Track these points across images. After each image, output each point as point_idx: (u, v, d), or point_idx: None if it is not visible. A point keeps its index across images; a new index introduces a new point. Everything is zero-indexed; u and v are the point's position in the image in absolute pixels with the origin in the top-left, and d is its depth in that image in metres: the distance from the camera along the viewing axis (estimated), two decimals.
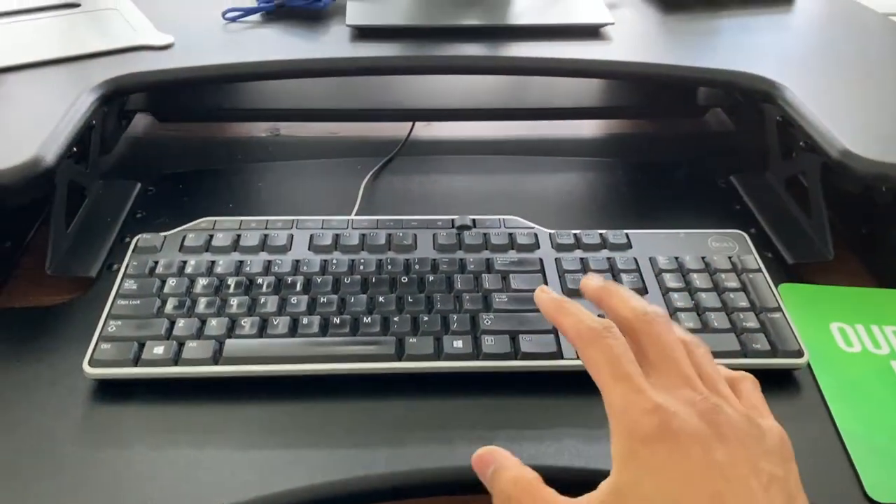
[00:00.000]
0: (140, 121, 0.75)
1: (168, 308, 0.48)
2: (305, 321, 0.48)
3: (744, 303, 0.50)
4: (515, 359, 0.46)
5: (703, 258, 0.54)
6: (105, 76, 0.58)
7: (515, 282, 0.51)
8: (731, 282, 0.52)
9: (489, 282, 0.51)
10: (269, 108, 0.75)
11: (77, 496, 0.40)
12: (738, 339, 0.48)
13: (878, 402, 0.46)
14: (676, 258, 0.54)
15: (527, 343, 0.47)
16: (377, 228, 0.56)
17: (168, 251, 0.53)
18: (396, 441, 0.43)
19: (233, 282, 0.50)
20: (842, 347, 0.49)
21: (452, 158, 0.70)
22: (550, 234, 0.55)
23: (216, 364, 0.45)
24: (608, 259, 0.53)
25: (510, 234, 0.55)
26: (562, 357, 0.46)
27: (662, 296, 0.51)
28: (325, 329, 0.48)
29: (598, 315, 0.35)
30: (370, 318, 0.48)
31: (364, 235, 0.55)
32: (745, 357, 0.47)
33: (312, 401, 0.45)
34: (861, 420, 0.45)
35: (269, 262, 0.52)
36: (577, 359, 0.46)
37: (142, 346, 0.46)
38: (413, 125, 0.74)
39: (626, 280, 0.52)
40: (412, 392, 0.46)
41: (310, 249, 0.54)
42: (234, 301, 0.49)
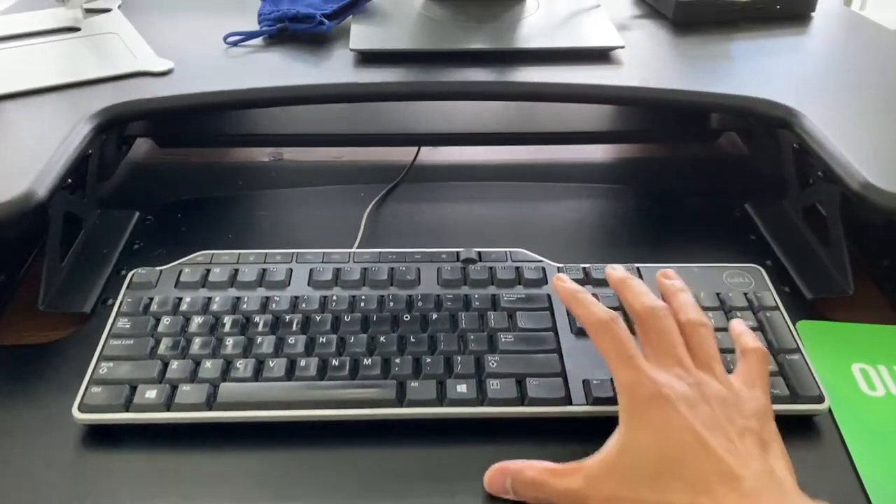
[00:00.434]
0: (141, 146, 0.74)
1: (162, 348, 0.47)
2: (303, 363, 0.46)
3: None
4: (522, 404, 0.44)
5: (718, 294, 0.52)
6: (102, 104, 0.57)
7: (522, 320, 0.49)
8: (748, 321, 0.50)
9: (495, 320, 0.49)
10: (272, 134, 0.73)
11: None
12: None
13: None
14: None
15: (534, 388, 0.45)
16: (379, 262, 0.54)
17: (163, 287, 0.52)
18: (397, 493, 0.41)
19: (229, 320, 0.49)
20: (864, 391, 0.47)
21: (458, 185, 0.69)
22: (559, 269, 0.54)
23: (210, 409, 0.44)
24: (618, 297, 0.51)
25: (517, 268, 0.53)
26: (571, 403, 0.44)
27: None
28: (324, 371, 0.46)
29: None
30: (370, 360, 0.46)
31: (366, 270, 0.53)
32: None
33: (310, 448, 0.44)
34: (885, 468, 0.43)
35: (267, 299, 0.51)
36: (588, 405, 0.44)
37: (133, 390, 0.44)
38: (419, 150, 0.72)
39: None
40: (414, 439, 0.44)
41: (309, 285, 0.52)
42: (230, 341, 0.47)
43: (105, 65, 0.62)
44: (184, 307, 0.50)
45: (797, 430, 0.45)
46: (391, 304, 0.51)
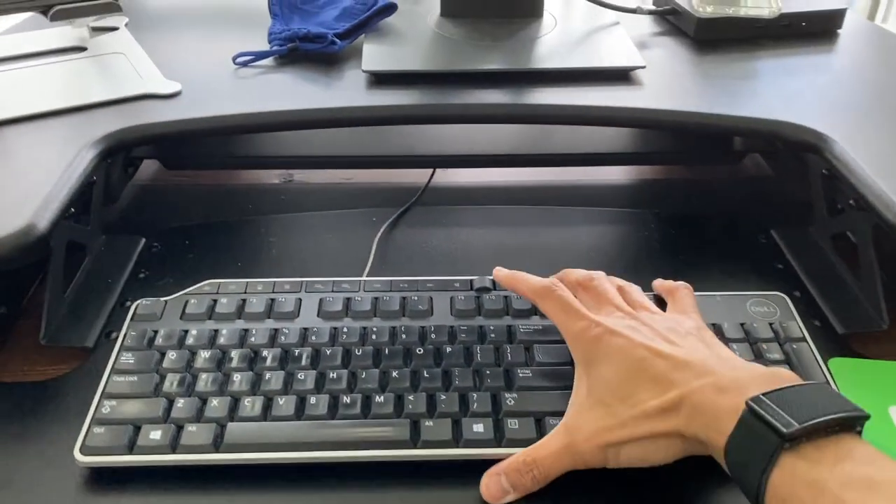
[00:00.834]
0: (148, 167, 0.73)
1: (167, 385, 0.45)
2: (313, 400, 0.44)
3: None
4: None
5: (742, 325, 0.50)
6: (107, 129, 0.55)
7: (539, 354, 0.47)
8: (774, 353, 0.48)
9: (511, 354, 0.47)
10: (282, 156, 0.72)
11: None
12: None
13: None
14: (713, 325, 0.50)
15: (554, 427, 0.42)
16: (391, 291, 0.52)
17: (169, 319, 0.50)
18: None
19: (236, 354, 0.47)
20: None
21: (471, 209, 0.66)
22: None
23: (217, 451, 0.42)
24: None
25: None
26: None
27: None
28: (335, 409, 0.44)
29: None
30: (382, 398, 0.44)
31: (377, 299, 0.51)
32: None
33: (319, 490, 0.42)
34: None
35: (276, 331, 0.49)
36: None
37: (137, 430, 0.43)
38: (433, 172, 0.70)
39: None
40: (428, 481, 0.42)
41: (319, 316, 0.50)
42: (238, 377, 0.45)
43: (111, 87, 0.61)
44: (190, 340, 0.48)
45: None
46: (403, 336, 0.49)
